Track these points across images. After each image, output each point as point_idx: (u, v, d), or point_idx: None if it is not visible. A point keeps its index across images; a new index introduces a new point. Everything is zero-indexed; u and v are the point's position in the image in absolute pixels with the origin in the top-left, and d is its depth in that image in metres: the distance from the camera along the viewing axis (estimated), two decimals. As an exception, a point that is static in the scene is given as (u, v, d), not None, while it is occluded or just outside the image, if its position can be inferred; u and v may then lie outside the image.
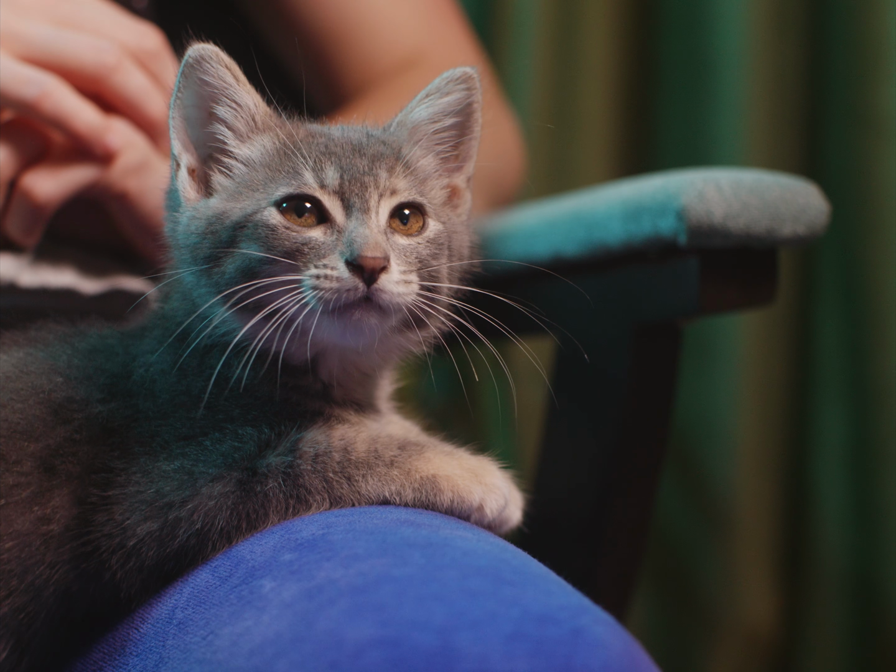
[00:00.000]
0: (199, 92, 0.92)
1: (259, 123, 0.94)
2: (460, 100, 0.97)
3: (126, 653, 0.88)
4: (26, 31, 1.13)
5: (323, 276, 0.87)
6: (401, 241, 0.91)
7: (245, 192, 0.92)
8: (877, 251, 1.89)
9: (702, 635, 2.03)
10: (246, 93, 0.93)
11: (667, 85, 2.04)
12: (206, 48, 0.91)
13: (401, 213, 0.92)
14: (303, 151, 0.91)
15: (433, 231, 0.93)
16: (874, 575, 1.94)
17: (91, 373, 0.93)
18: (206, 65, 0.92)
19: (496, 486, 0.93)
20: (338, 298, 0.87)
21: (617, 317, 1.24)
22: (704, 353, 1.98)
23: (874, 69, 1.87)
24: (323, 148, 0.91)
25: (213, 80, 0.92)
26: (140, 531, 0.87)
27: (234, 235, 0.90)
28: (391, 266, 0.87)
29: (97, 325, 0.99)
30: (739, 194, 1.14)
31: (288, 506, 0.89)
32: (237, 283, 0.88)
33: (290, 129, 0.94)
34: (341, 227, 0.89)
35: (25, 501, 0.88)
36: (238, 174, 0.93)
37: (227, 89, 0.93)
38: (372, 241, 0.87)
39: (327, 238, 0.89)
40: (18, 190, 1.16)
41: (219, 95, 0.93)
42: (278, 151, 0.92)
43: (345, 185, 0.90)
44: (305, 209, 0.89)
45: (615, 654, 0.70)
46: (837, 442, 1.97)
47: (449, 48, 1.53)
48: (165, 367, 0.93)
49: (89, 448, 0.90)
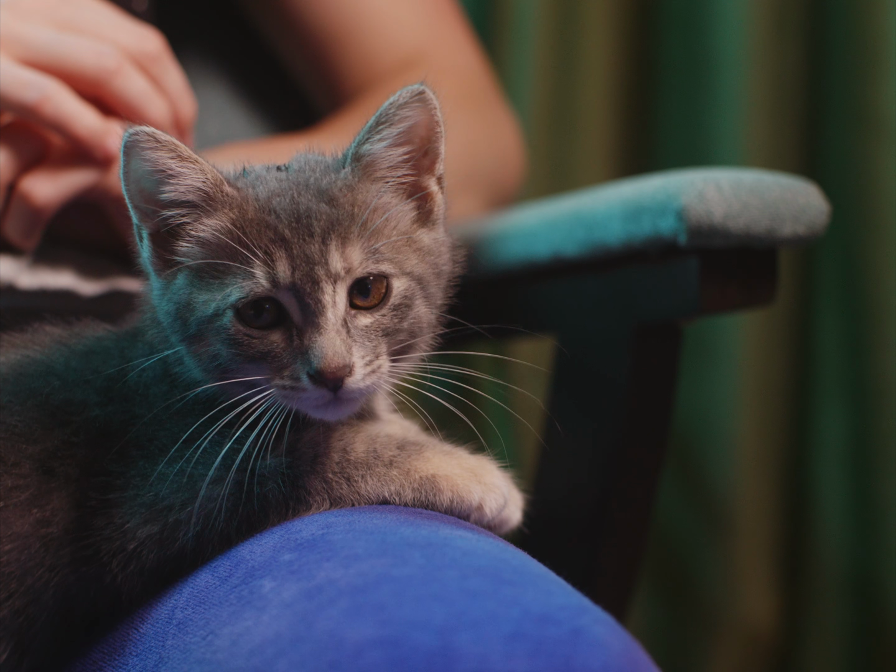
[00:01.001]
0: (145, 167, 0.89)
1: (211, 199, 0.90)
2: (417, 121, 0.92)
3: (126, 653, 0.88)
4: (27, 34, 1.13)
5: (289, 387, 0.87)
6: (363, 322, 0.89)
7: (206, 278, 0.89)
8: (877, 251, 1.89)
9: (702, 635, 2.03)
10: (191, 170, 0.89)
11: (667, 85, 2.04)
12: (139, 132, 0.88)
13: (361, 284, 0.89)
14: (253, 243, 0.87)
15: (398, 295, 0.90)
16: (874, 575, 1.94)
17: (88, 375, 0.93)
18: (141, 150, 0.88)
19: (495, 485, 0.93)
20: (307, 403, 0.87)
21: (617, 317, 1.25)
22: (704, 353, 1.98)
23: (874, 69, 1.87)
24: (272, 233, 0.87)
25: (153, 163, 0.89)
26: (140, 534, 0.87)
27: (200, 330, 0.89)
28: (354, 369, 0.86)
29: (92, 326, 0.99)
30: (739, 194, 1.14)
31: (287, 507, 0.89)
32: (213, 371, 0.89)
33: (242, 203, 0.89)
34: (299, 331, 0.87)
35: (24, 504, 0.88)
36: (197, 255, 0.90)
37: (170, 171, 0.89)
38: (330, 352, 0.85)
39: (287, 344, 0.87)
40: (18, 193, 1.16)
41: (163, 177, 0.89)
42: (231, 234, 0.88)
43: (297, 283, 0.87)
44: (265, 308, 0.88)
45: (615, 654, 0.70)
46: (837, 442, 1.97)
47: (449, 48, 1.53)
48: (158, 374, 0.93)
49: (87, 451, 0.90)
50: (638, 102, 2.06)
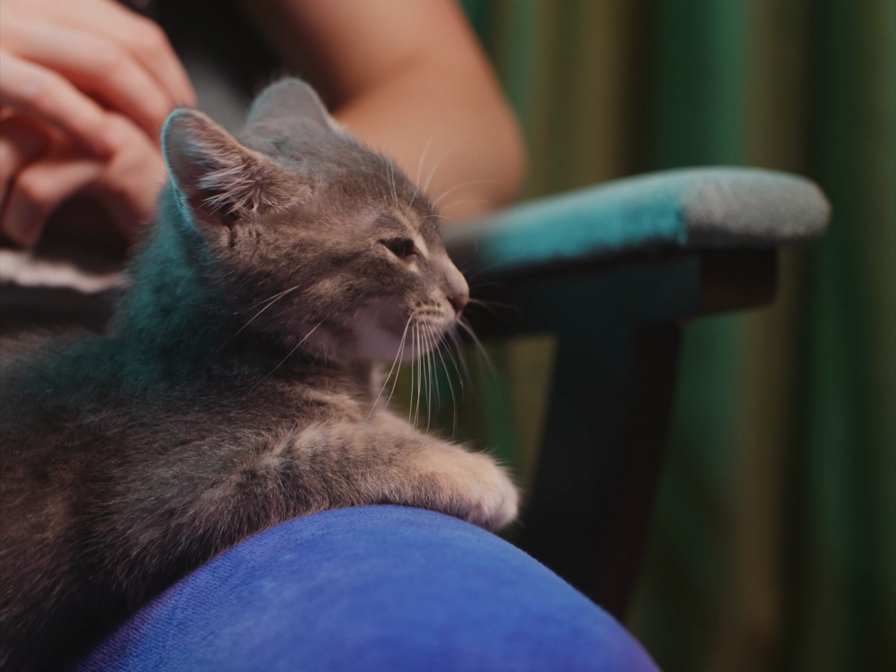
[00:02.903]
0: (185, 153, 0.89)
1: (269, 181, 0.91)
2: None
3: (126, 653, 0.88)
4: (26, 29, 1.13)
5: (433, 312, 0.93)
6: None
7: (325, 224, 0.91)
8: (877, 251, 1.89)
9: (702, 635, 2.03)
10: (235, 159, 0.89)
11: (667, 85, 2.04)
12: (183, 115, 0.88)
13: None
14: (372, 191, 0.93)
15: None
16: (874, 575, 1.94)
17: (80, 381, 0.93)
18: (183, 135, 0.89)
19: (494, 484, 0.93)
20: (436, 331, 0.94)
21: (617, 317, 1.24)
22: (704, 353, 1.98)
23: (874, 69, 1.87)
24: (377, 181, 0.93)
25: (195, 151, 0.89)
26: (142, 540, 0.87)
27: (338, 266, 0.91)
28: None
29: (79, 332, 0.98)
30: (739, 194, 1.14)
31: (288, 506, 0.88)
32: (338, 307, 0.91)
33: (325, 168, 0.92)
34: (428, 262, 0.94)
35: (18, 508, 0.87)
36: (290, 206, 0.91)
37: (212, 162, 0.89)
38: (462, 278, 0.95)
39: (423, 273, 0.94)
40: (17, 188, 1.16)
41: (206, 166, 0.89)
42: (335, 192, 0.92)
43: (425, 225, 0.95)
44: (402, 248, 0.93)
45: (615, 653, 0.70)
46: (837, 442, 1.97)
47: (448, 48, 1.52)
48: (155, 377, 0.92)
49: (83, 455, 0.89)
50: (638, 102, 2.06)
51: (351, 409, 0.96)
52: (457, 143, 1.46)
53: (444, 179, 1.16)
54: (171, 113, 0.89)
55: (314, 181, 0.92)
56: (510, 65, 2.01)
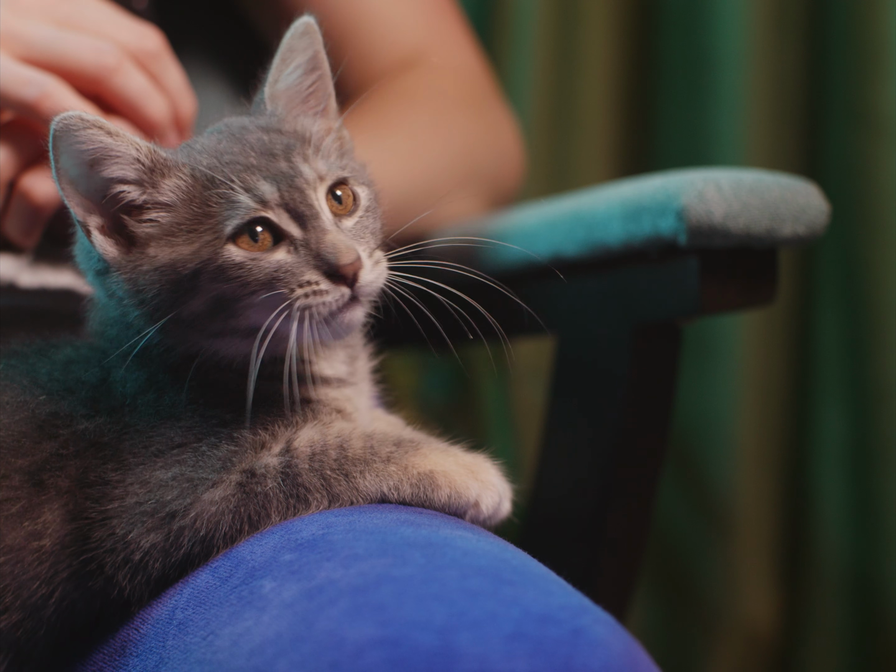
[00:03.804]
0: (78, 155, 0.89)
1: (154, 165, 0.90)
2: (313, 52, 0.98)
3: (126, 654, 0.88)
4: (26, 31, 1.13)
5: (312, 294, 0.88)
6: (348, 224, 0.92)
7: (183, 234, 0.89)
8: (877, 251, 1.89)
9: (702, 635, 2.03)
10: (125, 143, 0.89)
11: (667, 85, 2.04)
12: (67, 117, 0.87)
13: (334, 194, 0.92)
14: (225, 178, 0.89)
15: (365, 198, 0.94)
16: (874, 575, 1.94)
17: (72, 385, 0.93)
18: (73, 134, 0.88)
19: (491, 482, 0.93)
20: (330, 309, 0.88)
21: (617, 317, 1.24)
22: (704, 353, 1.98)
23: (874, 69, 1.87)
24: (239, 165, 0.90)
25: (88, 145, 0.88)
26: (144, 544, 0.87)
27: (197, 280, 0.89)
28: (363, 259, 0.89)
29: (67, 336, 0.98)
30: (739, 194, 1.14)
31: (288, 505, 0.89)
32: (215, 321, 0.89)
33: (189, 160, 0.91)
34: (302, 241, 0.89)
35: (15, 516, 0.87)
36: (164, 220, 0.90)
37: (105, 149, 0.89)
38: (342, 246, 0.88)
39: (294, 257, 0.89)
40: (17, 191, 1.16)
41: (100, 157, 0.89)
42: (194, 185, 0.89)
43: (284, 196, 0.89)
44: (257, 232, 0.89)
45: (615, 653, 0.70)
46: (837, 442, 1.97)
47: (448, 48, 1.52)
48: (141, 385, 0.92)
49: (78, 462, 0.89)
50: (638, 102, 2.06)
51: (335, 400, 0.96)
52: (457, 143, 1.46)
53: (444, 179, 1.17)
54: (51, 125, 0.87)
55: (181, 172, 0.90)
56: (510, 65, 2.01)
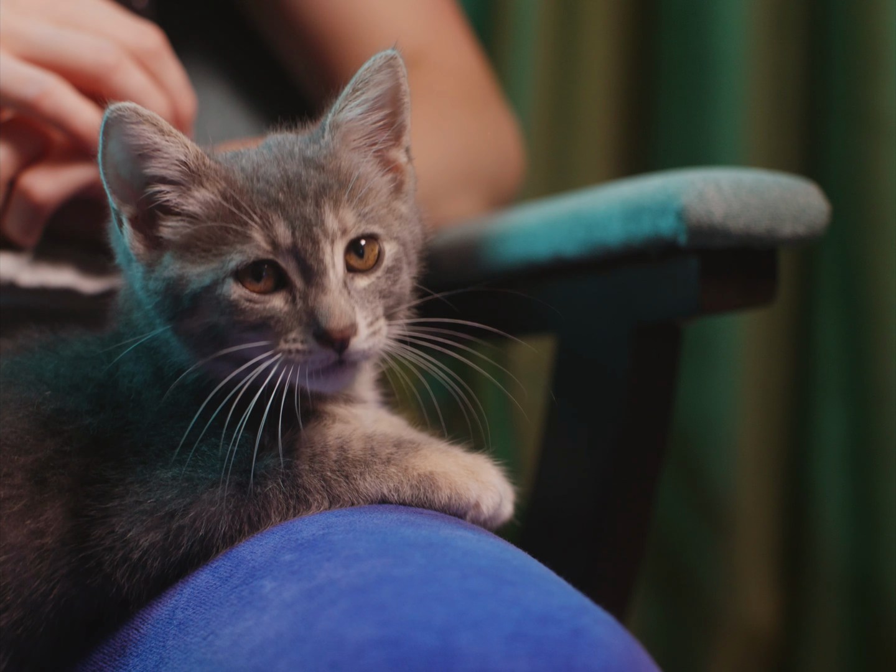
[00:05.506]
0: (126, 147, 0.89)
1: (195, 172, 0.90)
2: (389, 87, 0.94)
3: (126, 653, 0.88)
4: (26, 30, 1.13)
5: (295, 350, 0.87)
6: (361, 284, 0.90)
7: (198, 252, 0.89)
8: (877, 251, 1.89)
9: (702, 635, 2.03)
10: (174, 144, 0.89)
11: (667, 85, 2.04)
12: (122, 108, 0.87)
13: (356, 245, 0.90)
14: (247, 207, 0.87)
15: (390, 258, 0.92)
16: (874, 575, 1.94)
17: (78, 382, 0.93)
18: (125, 126, 0.88)
19: (492, 483, 0.93)
20: (312, 367, 0.87)
21: (617, 317, 1.24)
22: (704, 353, 1.98)
23: (874, 69, 1.87)
24: (266, 197, 0.88)
25: (137, 139, 0.88)
26: (143, 542, 0.87)
27: (196, 303, 0.89)
28: (359, 328, 0.88)
29: (78, 331, 0.99)
30: (739, 194, 1.14)
31: (288, 506, 0.89)
32: (207, 344, 0.89)
33: (228, 174, 0.90)
34: (302, 293, 0.88)
35: (18, 514, 0.88)
36: (186, 231, 0.90)
37: (153, 146, 0.89)
38: (336, 311, 0.86)
39: (290, 307, 0.88)
40: (18, 189, 1.16)
41: (147, 153, 0.89)
42: (221, 204, 0.89)
43: (297, 243, 0.87)
44: (263, 272, 0.88)
45: (616, 653, 0.70)
46: (837, 442, 1.97)
47: (448, 48, 1.52)
48: (148, 379, 0.92)
49: (80, 459, 0.89)
50: (638, 102, 2.06)
51: (341, 415, 0.96)
52: (457, 143, 1.46)
53: (444, 179, 1.16)
54: (105, 113, 0.87)
55: (216, 187, 0.89)
56: (510, 65, 2.01)
